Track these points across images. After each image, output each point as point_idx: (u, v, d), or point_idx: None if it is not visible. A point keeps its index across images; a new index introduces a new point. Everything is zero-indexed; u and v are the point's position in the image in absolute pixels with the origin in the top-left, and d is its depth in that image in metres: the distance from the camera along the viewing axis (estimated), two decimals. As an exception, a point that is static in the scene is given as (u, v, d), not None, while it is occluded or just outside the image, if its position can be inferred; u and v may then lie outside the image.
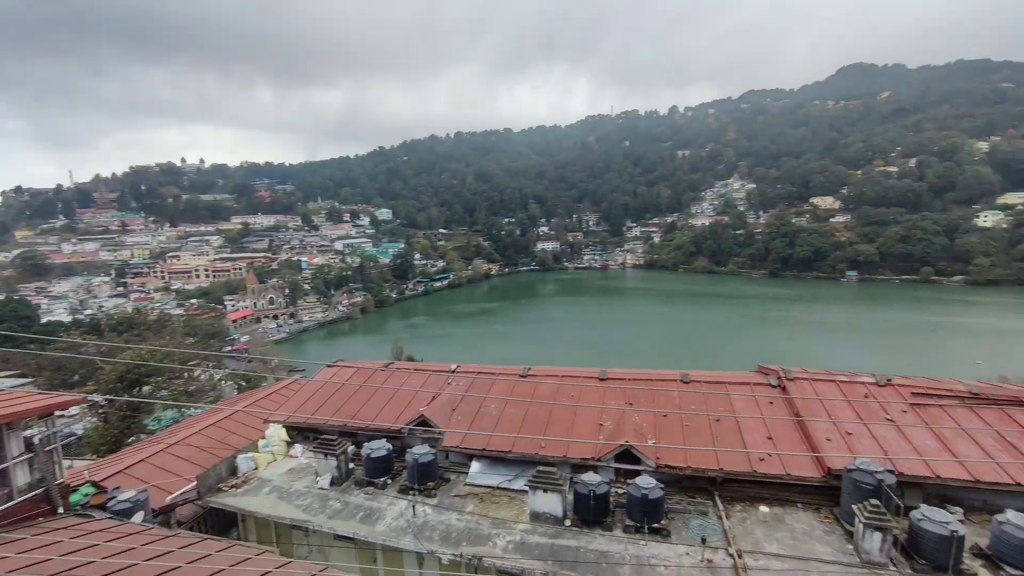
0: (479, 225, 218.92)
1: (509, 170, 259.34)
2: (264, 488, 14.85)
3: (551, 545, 11.71)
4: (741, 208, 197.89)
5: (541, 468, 12.63)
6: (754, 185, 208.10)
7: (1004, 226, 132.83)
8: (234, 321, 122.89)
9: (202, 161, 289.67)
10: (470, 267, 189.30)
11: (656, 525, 11.77)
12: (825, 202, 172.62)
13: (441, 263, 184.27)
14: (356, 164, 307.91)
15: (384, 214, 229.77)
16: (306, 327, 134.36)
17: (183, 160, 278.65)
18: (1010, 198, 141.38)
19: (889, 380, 15.64)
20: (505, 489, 13.83)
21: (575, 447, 14.08)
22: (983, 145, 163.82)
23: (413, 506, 13.08)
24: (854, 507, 11.03)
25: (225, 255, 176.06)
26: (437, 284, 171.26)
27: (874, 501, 10.85)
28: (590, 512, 12.07)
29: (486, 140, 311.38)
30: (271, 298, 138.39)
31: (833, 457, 12.63)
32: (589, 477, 12.44)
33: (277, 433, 16.78)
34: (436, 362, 21.09)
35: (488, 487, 14.02)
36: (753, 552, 11.13)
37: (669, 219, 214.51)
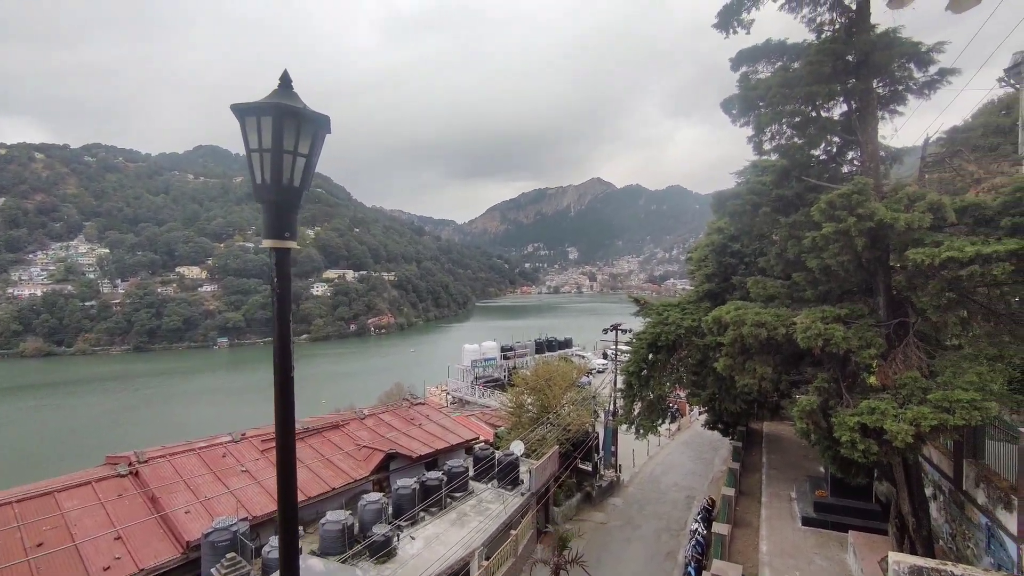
0: None
1: None
2: None
3: None
4: (92, 275, 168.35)
5: None
6: (108, 250, 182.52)
7: (328, 294, 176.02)
8: None
9: None
10: None
11: None
12: (192, 272, 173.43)
13: None
14: None
15: None
16: None
17: None
18: (330, 273, 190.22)
19: (244, 435, 17.20)
20: None
21: None
22: (312, 232, 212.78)
23: None
24: (213, 570, 11.24)
25: None
26: None
27: (231, 554, 11.46)
28: None
29: None
30: None
31: (192, 528, 12.48)
32: None
33: None
34: None
35: None
36: None
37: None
